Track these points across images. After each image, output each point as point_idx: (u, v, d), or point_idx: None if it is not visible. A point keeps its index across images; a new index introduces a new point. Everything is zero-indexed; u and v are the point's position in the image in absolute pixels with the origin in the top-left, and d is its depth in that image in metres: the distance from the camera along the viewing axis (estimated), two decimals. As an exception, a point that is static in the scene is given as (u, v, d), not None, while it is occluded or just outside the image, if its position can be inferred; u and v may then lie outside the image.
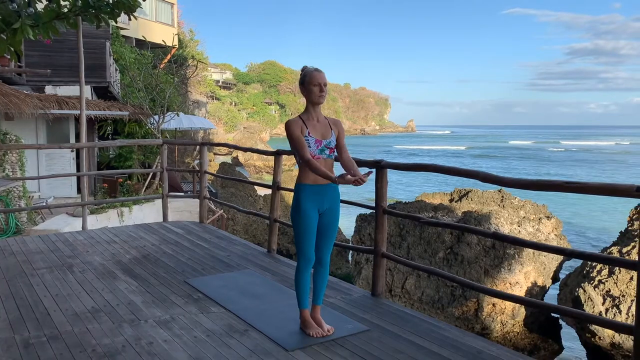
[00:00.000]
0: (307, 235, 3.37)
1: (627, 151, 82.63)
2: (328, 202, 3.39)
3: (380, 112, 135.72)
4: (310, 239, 3.41)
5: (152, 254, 5.52)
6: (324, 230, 3.44)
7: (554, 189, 2.93)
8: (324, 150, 3.33)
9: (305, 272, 3.47)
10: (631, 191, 2.61)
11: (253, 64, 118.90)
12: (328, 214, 3.42)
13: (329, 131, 3.39)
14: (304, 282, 3.47)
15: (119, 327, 3.58)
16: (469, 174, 3.44)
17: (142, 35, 14.16)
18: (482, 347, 3.28)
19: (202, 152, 6.87)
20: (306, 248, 3.40)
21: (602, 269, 11.18)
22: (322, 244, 3.46)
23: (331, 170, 3.37)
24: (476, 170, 3.40)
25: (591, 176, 49.83)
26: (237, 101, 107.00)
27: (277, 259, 5.39)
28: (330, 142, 3.36)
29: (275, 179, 5.53)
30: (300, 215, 3.35)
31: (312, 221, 3.36)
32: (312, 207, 3.35)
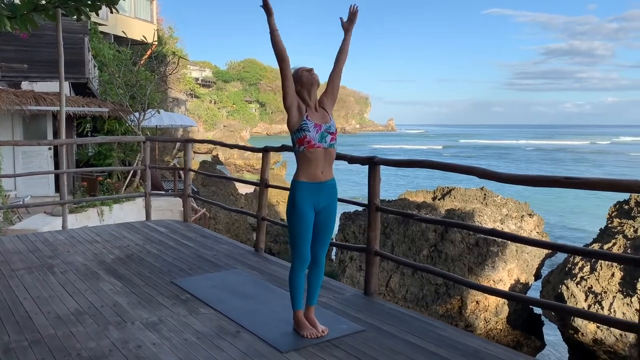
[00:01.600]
0: (303, 234, 3.26)
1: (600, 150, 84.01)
2: (325, 199, 3.29)
3: (361, 110, 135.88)
4: (306, 239, 3.30)
5: (136, 253, 5.36)
6: (320, 229, 3.34)
7: (553, 184, 2.89)
8: (324, 137, 3.21)
9: (301, 272, 3.37)
10: (634, 186, 2.57)
11: (233, 62, 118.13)
12: (325, 213, 3.32)
13: (327, 116, 3.30)
14: (298, 282, 3.38)
15: (104, 330, 3.44)
16: (466, 170, 3.38)
17: (122, 31, 13.87)
18: (480, 345, 3.22)
19: (187, 149, 6.72)
20: (302, 248, 3.30)
21: (584, 265, 11.30)
22: (318, 243, 3.37)
23: (331, 164, 3.29)
24: (472, 167, 3.34)
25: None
26: (216, 99, 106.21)
27: (265, 258, 5.28)
28: (330, 126, 3.27)
29: (263, 176, 5.42)
30: (295, 214, 3.25)
31: (308, 220, 3.25)
32: (308, 205, 3.24)
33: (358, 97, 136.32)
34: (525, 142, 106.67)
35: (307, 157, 3.20)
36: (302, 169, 3.23)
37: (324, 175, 3.25)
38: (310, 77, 3.27)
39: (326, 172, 3.26)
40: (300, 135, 3.19)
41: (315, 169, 3.21)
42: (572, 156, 72.89)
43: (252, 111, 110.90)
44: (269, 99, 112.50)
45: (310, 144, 3.17)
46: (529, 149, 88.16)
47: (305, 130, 3.18)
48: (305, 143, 3.18)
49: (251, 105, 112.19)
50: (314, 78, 3.28)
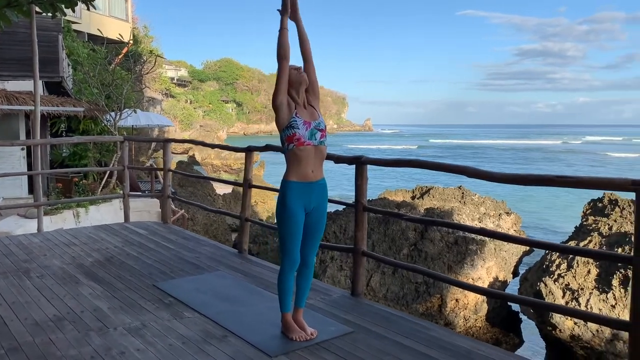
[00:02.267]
0: (294, 235, 3.20)
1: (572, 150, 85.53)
2: (315, 200, 3.23)
3: (338, 110, 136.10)
4: (296, 240, 3.24)
5: (116, 256, 5.23)
6: (310, 230, 3.28)
7: (546, 183, 2.88)
8: (314, 134, 3.16)
9: (290, 274, 3.31)
10: (627, 185, 2.57)
11: (209, 61, 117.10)
12: (315, 213, 3.26)
13: (315, 113, 3.26)
14: (288, 284, 3.31)
15: (85, 337, 3.33)
16: (456, 170, 3.36)
17: (97, 29, 13.59)
18: (471, 346, 3.20)
19: (166, 149, 6.59)
20: (292, 249, 3.23)
21: (561, 263, 11.45)
22: (308, 244, 3.31)
23: (322, 163, 3.23)
24: (464, 166, 3.32)
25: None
26: (192, 99, 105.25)
27: (249, 260, 5.20)
28: (320, 123, 3.22)
29: (247, 176, 5.34)
30: (286, 215, 3.18)
31: (298, 221, 3.19)
32: (298, 206, 3.18)
33: (335, 97, 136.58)
34: (499, 142, 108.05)
35: (297, 156, 3.14)
36: (292, 169, 3.17)
37: (315, 174, 3.19)
38: (299, 76, 3.23)
39: (316, 171, 3.20)
40: (290, 133, 3.13)
41: (306, 168, 3.15)
42: (545, 155, 74.07)
43: (228, 111, 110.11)
44: (245, 98, 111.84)
45: (300, 141, 3.11)
46: (502, 148, 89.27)
47: (294, 127, 3.12)
48: (295, 140, 3.11)
49: (228, 105, 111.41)
50: (302, 77, 3.24)
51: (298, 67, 3.29)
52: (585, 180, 2.74)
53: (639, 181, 2.52)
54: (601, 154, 73.63)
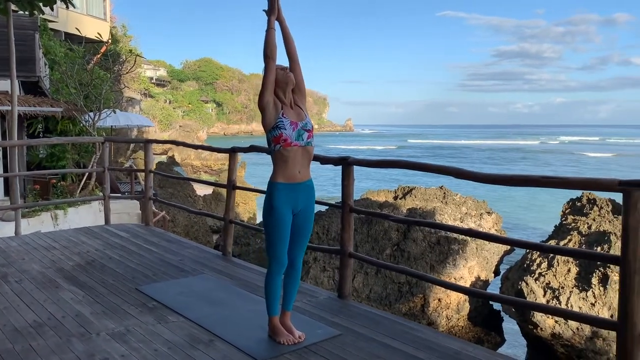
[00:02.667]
0: (281, 237, 3.16)
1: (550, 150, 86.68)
2: (303, 201, 3.19)
3: (319, 111, 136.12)
4: (283, 242, 3.20)
5: (97, 260, 5.13)
6: (298, 232, 3.24)
7: (530, 184, 2.88)
8: (301, 135, 3.12)
9: (277, 276, 3.27)
10: (613, 185, 2.59)
11: (188, 60, 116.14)
12: (303, 214, 3.23)
13: (302, 113, 3.22)
14: (275, 287, 3.27)
15: (67, 343, 3.24)
16: (441, 170, 3.35)
17: (75, 27, 13.34)
18: (460, 347, 3.20)
19: (148, 150, 6.49)
20: (279, 251, 3.19)
21: (542, 262, 11.59)
22: (295, 246, 3.27)
23: (309, 163, 3.20)
24: (448, 166, 3.31)
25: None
26: (171, 99, 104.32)
27: (233, 263, 5.14)
28: (307, 123, 3.18)
29: (231, 177, 5.28)
30: (273, 217, 3.14)
31: (286, 223, 3.15)
32: (286, 208, 3.14)
33: (317, 98, 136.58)
34: (477, 142, 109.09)
35: (283, 156, 3.10)
36: (279, 170, 3.13)
37: (302, 175, 3.16)
38: (285, 76, 3.19)
39: (303, 172, 3.17)
40: (276, 134, 3.09)
41: (293, 169, 3.11)
42: (524, 155, 74.97)
43: (208, 111, 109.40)
44: (225, 98, 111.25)
45: (287, 142, 3.08)
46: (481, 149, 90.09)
47: (281, 128, 3.08)
48: (282, 141, 3.08)
49: (207, 105, 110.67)
50: (288, 77, 3.20)
51: (284, 67, 3.25)
52: (572, 181, 2.75)
53: (625, 181, 2.54)
54: (577, 154, 74.82)
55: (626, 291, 2.57)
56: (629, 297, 2.56)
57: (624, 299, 2.58)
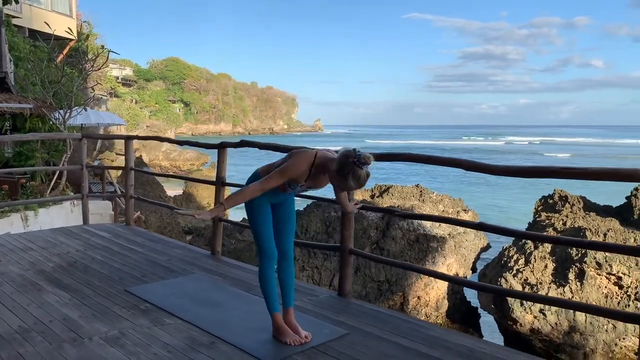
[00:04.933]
0: (264, 229, 3.11)
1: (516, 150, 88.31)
2: (283, 195, 3.11)
3: (288, 111, 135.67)
4: (267, 234, 3.13)
5: (80, 260, 4.88)
6: (281, 221, 3.20)
7: (549, 175, 2.81)
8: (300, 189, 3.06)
9: (270, 270, 3.17)
10: (636, 175, 2.53)
11: (155, 60, 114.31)
12: (283, 205, 3.20)
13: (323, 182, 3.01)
14: (270, 281, 3.16)
15: (58, 349, 3.03)
16: (451, 163, 3.26)
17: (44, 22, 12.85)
18: (473, 345, 3.12)
19: (129, 146, 6.23)
20: (265, 243, 3.12)
21: (519, 258, 11.70)
22: (282, 235, 3.21)
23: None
24: (459, 159, 3.22)
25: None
26: (138, 99, 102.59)
27: (224, 262, 4.96)
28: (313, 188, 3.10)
29: (220, 174, 5.09)
30: (253, 211, 3.11)
31: (266, 214, 3.11)
32: (264, 201, 3.08)
33: (285, 98, 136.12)
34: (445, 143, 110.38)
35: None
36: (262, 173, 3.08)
37: None
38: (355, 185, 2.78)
39: None
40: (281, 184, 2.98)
41: None
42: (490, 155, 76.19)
43: (176, 111, 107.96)
44: (193, 98, 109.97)
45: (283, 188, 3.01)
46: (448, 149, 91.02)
47: (289, 185, 2.99)
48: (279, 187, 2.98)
49: (175, 104, 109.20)
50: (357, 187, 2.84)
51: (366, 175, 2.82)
52: (590, 171, 2.69)
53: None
54: (539, 154, 76.45)
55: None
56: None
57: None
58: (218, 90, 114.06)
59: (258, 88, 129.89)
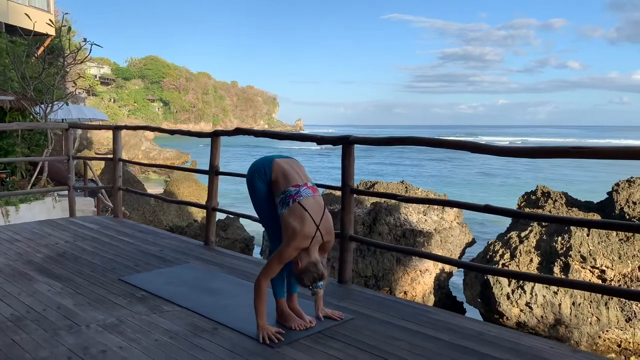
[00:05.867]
0: (270, 210, 3.07)
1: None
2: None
3: (269, 110, 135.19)
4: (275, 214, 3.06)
5: (69, 251, 4.74)
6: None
7: (560, 155, 2.79)
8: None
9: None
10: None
11: (133, 58, 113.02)
12: None
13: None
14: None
15: (55, 336, 2.92)
16: (456, 145, 3.23)
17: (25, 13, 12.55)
18: (481, 328, 3.09)
19: (117, 137, 6.10)
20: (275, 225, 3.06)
21: (504, 252, 11.78)
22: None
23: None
24: (464, 140, 3.19)
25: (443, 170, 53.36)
26: (116, 97, 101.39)
27: (219, 252, 4.87)
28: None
29: (213, 163, 5.00)
30: (257, 192, 3.06)
31: (270, 195, 3.05)
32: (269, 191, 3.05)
33: (266, 97, 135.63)
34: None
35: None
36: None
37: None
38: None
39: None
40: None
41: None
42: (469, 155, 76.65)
43: (155, 110, 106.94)
44: (173, 97, 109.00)
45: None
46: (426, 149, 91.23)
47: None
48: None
49: (154, 103, 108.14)
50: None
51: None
52: (604, 150, 2.67)
53: (660, 148, 2.48)
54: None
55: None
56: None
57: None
58: (198, 89, 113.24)
59: (238, 87, 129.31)
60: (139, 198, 19.16)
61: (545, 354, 2.76)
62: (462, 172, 50.77)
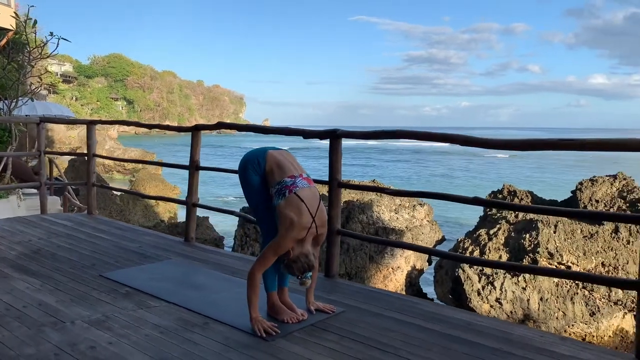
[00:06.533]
0: (263, 202, 3.03)
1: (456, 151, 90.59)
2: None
3: (236, 110, 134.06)
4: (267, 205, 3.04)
5: (45, 248, 4.59)
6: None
7: (549, 147, 2.85)
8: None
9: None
10: (629, 144, 2.60)
11: (96, 56, 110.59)
12: None
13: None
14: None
15: (39, 333, 2.82)
16: (446, 138, 3.26)
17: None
18: (470, 318, 3.13)
19: (91, 132, 5.94)
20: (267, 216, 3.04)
21: (474, 249, 11.99)
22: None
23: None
24: (454, 134, 3.22)
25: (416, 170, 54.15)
26: (78, 96, 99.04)
27: (200, 248, 4.81)
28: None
29: (194, 158, 4.92)
30: (250, 185, 3.03)
31: (263, 187, 3.03)
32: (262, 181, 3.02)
33: (233, 97, 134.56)
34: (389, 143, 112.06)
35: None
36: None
37: None
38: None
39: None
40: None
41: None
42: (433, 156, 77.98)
43: (118, 109, 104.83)
44: (137, 96, 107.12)
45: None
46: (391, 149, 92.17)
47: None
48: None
49: (118, 102, 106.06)
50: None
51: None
52: (592, 142, 2.74)
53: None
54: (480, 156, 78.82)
55: (647, 249, 2.58)
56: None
57: (646, 257, 2.59)
58: (163, 88, 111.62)
59: (204, 86, 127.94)
60: (105, 197, 18.75)
61: (536, 343, 2.81)
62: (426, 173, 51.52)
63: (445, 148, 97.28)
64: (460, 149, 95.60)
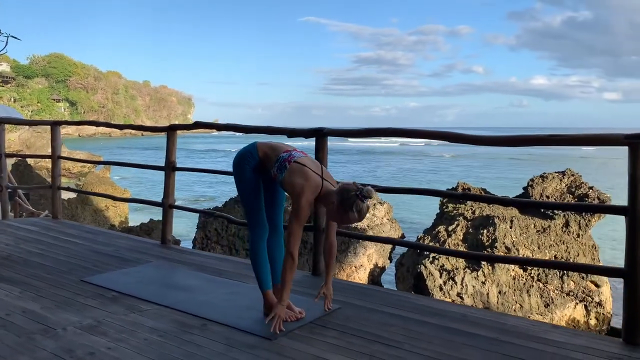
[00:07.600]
0: (256, 202, 3.05)
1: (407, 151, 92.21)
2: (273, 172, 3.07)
3: (184, 111, 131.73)
4: (258, 205, 3.07)
5: (15, 254, 4.40)
6: (272, 194, 3.15)
7: (537, 143, 2.96)
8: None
9: (262, 242, 3.10)
10: (619, 139, 2.74)
11: (36, 56, 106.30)
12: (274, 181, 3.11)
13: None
14: (262, 256, 3.09)
15: (31, 341, 2.71)
16: (435, 135, 3.34)
17: None
18: (465, 311, 3.22)
19: (56, 133, 5.72)
20: (257, 215, 3.06)
21: (434, 245, 12.26)
22: (273, 207, 3.17)
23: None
24: (444, 131, 3.30)
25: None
26: (17, 97, 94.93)
27: (179, 250, 4.72)
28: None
29: (170, 158, 4.82)
30: (244, 183, 3.03)
31: (257, 186, 3.05)
32: (255, 173, 3.04)
33: (181, 98, 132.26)
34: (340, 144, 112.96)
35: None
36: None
37: None
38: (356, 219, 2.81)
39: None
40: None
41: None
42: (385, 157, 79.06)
43: (60, 110, 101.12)
44: (80, 97, 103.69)
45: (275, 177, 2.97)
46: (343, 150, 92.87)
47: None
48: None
49: (60, 104, 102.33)
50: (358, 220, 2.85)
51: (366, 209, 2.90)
52: (578, 137, 2.88)
53: (631, 135, 2.70)
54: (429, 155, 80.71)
55: (634, 240, 2.73)
56: (637, 245, 2.72)
57: (632, 248, 2.74)
58: (107, 89, 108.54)
59: (151, 87, 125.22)
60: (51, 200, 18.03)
61: (529, 331, 2.92)
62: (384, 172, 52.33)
63: (394, 149, 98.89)
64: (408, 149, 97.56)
